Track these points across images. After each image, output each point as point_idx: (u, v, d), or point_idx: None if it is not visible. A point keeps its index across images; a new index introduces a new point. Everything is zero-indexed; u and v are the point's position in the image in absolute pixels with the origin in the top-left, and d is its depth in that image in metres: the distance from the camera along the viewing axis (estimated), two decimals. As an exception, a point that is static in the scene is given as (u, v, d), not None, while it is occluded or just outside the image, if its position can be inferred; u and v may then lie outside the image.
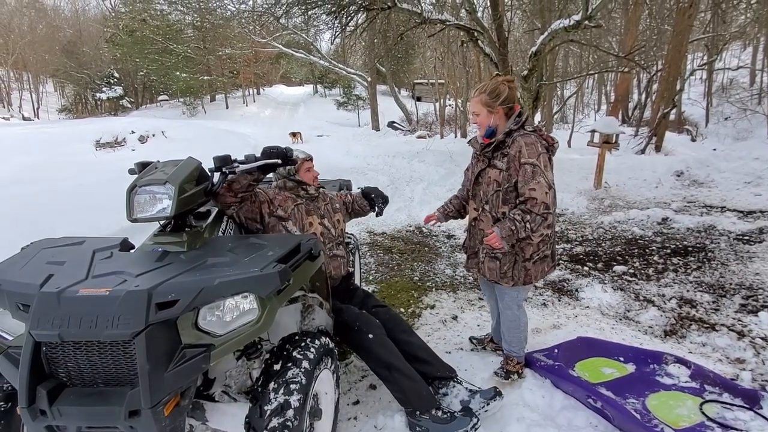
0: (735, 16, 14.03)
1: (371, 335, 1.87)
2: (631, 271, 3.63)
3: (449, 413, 1.81)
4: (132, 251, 1.60)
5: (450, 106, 17.87)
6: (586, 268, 3.76)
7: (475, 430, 1.78)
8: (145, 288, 1.23)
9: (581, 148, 9.74)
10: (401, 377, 1.83)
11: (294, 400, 1.39)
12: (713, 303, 3.02)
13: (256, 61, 26.87)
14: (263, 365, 1.51)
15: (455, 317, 2.97)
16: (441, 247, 4.56)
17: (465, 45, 9.29)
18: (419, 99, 24.28)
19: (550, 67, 12.32)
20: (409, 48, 22.73)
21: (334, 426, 1.76)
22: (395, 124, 20.02)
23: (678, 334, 2.67)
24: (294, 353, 1.51)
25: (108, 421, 1.20)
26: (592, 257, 4.03)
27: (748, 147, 8.87)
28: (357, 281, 3.09)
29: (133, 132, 12.85)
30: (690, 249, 4.06)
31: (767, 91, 13.62)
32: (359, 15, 7.89)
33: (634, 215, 5.19)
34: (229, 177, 1.81)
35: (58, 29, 33.27)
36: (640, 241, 4.38)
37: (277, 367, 1.46)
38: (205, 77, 25.22)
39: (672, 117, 11.49)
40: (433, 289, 3.47)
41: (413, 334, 2.11)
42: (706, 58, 13.96)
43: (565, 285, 3.43)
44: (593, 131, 6.84)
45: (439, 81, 17.99)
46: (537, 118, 13.03)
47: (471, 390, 1.96)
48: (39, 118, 28.55)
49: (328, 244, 2.16)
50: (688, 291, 3.22)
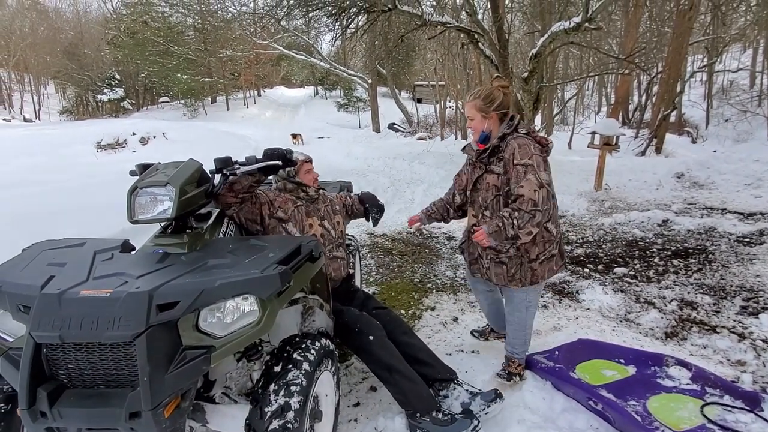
0: (735, 18, 14.05)
1: (372, 337, 1.87)
2: (632, 273, 3.62)
3: (450, 415, 1.81)
4: (133, 253, 1.61)
5: (450, 107, 17.89)
6: (586, 269, 3.75)
7: (476, 432, 1.78)
8: (146, 289, 1.23)
9: (581, 150, 9.76)
10: (402, 379, 1.82)
11: (294, 401, 1.39)
12: (714, 305, 3.02)
13: (256, 63, 26.93)
14: (264, 367, 1.51)
15: (456, 319, 2.97)
16: (441, 249, 4.56)
17: (465, 47, 9.30)
18: (420, 101, 24.33)
19: (550, 69, 12.35)
20: (410, 50, 22.75)
21: (334, 428, 1.76)
22: (396, 125, 20.05)
23: (679, 336, 2.66)
24: (294, 355, 1.51)
25: (108, 423, 1.20)
26: (592, 259, 4.03)
27: (748, 149, 8.86)
28: (357, 283, 3.09)
29: (134, 134, 12.87)
30: (690, 251, 4.06)
31: (767, 93, 13.64)
32: (360, 17, 7.91)
33: (634, 217, 5.19)
34: (230, 179, 1.82)
35: (59, 31, 33.36)
36: (640, 243, 4.38)
37: (278, 369, 1.46)
38: (206, 79, 25.29)
39: (672, 119, 11.50)
40: (434, 291, 3.46)
41: (414, 335, 2.10)
42: (706, 60, 14.00)
43: (566, 287, 3.43)
44: (593, 133, 6.85)
45: (440, 83, 18.04)
46: (537, 119, 13.07)
47: (471, 392, 1.95)
48: (40, 119, 28.65)
49: (328, 245, 2.16)
50: (688, 293, 3.21)
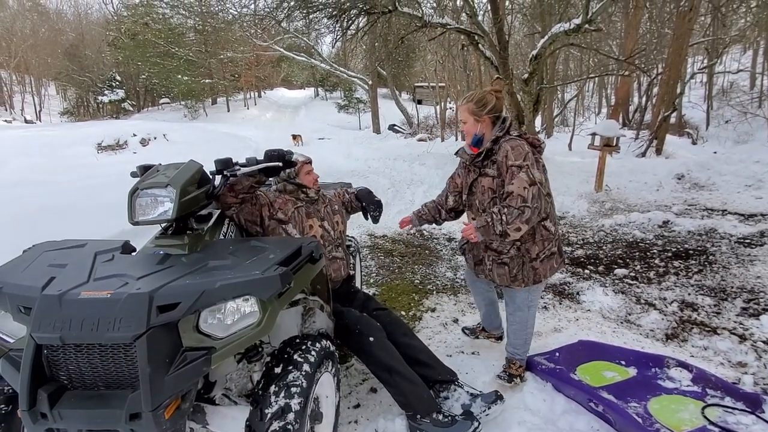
0: (735, 19, 14.05)
1: (372, 338, 1.87)
2: (632, 275, 3.62)
3: (450, 417, 1.81)
4: (133, 254, 1.61)
5: (451, 109, 17.89)
6: (587, 271, 3.75)
7: (476, 433, 1.77)
8: (147, 291, 1.23)
9: (582, 151, 9.74)
10: (402, 380, 1.82)
11: (295, 403, 1.39)
12: (715, 306, 3.01)
13: (257, 65, 26.95)
14: (264, 368, 1.51)
15: (456, 320, 2.97)
16: (442, 251, 4.56)
17: (466, 48, 9.32)
18: (420, 102, 24.33)
19: (550, 71, 12.36)
20: (410, 51, 22.77)
21: (334, 429, 1.75)
22: (396, 127, 20.04)
23: (679, 337, 2.66)
24: (295, 356, 1.51)
25: (109, 425, 1.20)
26: (593, 260, 4.02)
27: (748, 150, 8.84)
28: (358, 284, 3.08)
29: (135, 135, 12.87)
30: (691, 252, 4.06)
31: (767, 95, 13.64)
32: (360, 19, 7.91)
33: (635, 218, 5.19)
34: (231, 180, 1.82)
35: (60, 32, 33.41)
36: (641, 244, 4.37)
37: (278, 370, 1.46)
38: (207, 80, 25.32)
39: (672, 120, 11.49)
40: (434, 292, 3.46)
41: (414, 337, 2.10)
42: (706, 61, 14.01)
43: (566, 288, 3.42)
44: (594, 134, 6.85)
45: (440, 84, 18.05)
46: (538, 121, 13.06)
47: (472, 393, 1.95)
48: (41, 121, 28.65)
49: (327, 246, 2.17)
50: (689, 294, 3.21)
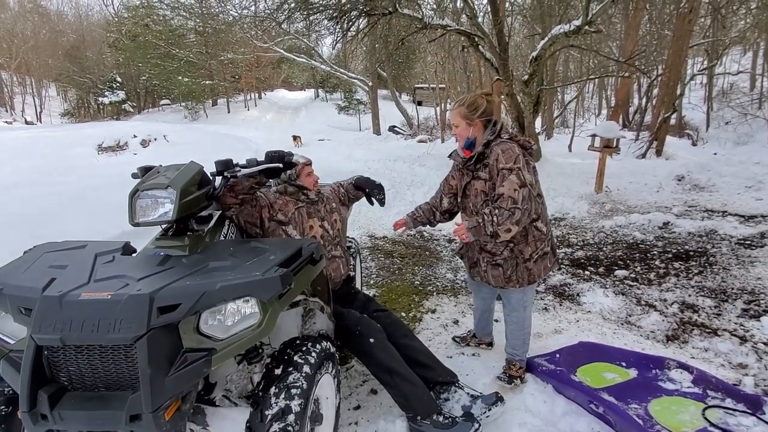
0: (735, 21, 14.08)
1: (372, 339, 1.87)
2: (633, 276, 3.62)
3: (451, 418, 1.80)
4: (134, 255, 1.61)
5: (451, 110, 17.88)
6: (587, 272, 3.75)
7: (477, 435, 1.77)
8: (147, 292, 1.24)
9: (582, 152, 9.74)
10: (402, 382, 1.82)
11: (295, 404, 1.39)
12: (715, 308, 3.01)
13: (257, 66, 27.00)
14: (264, 370, 1.51)
15: (456, 322, 2.97)
16: (442, 252, 4.56)
17: (466, 50, 9.33)
18: (420, 103, 24.34)
19: (550, 72, 12.38)
20: (410, 53, 22.80)
21: (335, 431, 1.75)
22: (396, 128, 20.04)
23: (680, 339, 2.66)
24: (295, 358, 1.51)
25: (109, 426, 1.20)
26: (593, 262, 4.02)
27: (748, 151, 8.84)
28: (358, 285, 3.08)
29: (135, 136, 12.87)
30: (691, 253, 4.05)
31: (767, 96, 13.65)
32: (360, 20, 7.93)
33: (635, 219, 5.18)
34: (231, 181, 1.82)
35: (61, 34, 33.46)
36: (641, 246, 4.37)
37: (278, 372, 1.46)
38: (207, 82, 25.33)
39: (672, 121, 11.50)
40: (434, 294, 3.46)
41: (414, 338, 2.10)
42: (706, 62, 14.02)
43: (567, 289, 3.42)
44: (594, 136, 6.85)
45: (440, 85, 18.06)
46: (538, 122, 13.07)
47: (472, 395, 1.95)
48: (42, 122, 28.68)
49: (327, 246, 2.17)
50: (689, 296, 3.21)
